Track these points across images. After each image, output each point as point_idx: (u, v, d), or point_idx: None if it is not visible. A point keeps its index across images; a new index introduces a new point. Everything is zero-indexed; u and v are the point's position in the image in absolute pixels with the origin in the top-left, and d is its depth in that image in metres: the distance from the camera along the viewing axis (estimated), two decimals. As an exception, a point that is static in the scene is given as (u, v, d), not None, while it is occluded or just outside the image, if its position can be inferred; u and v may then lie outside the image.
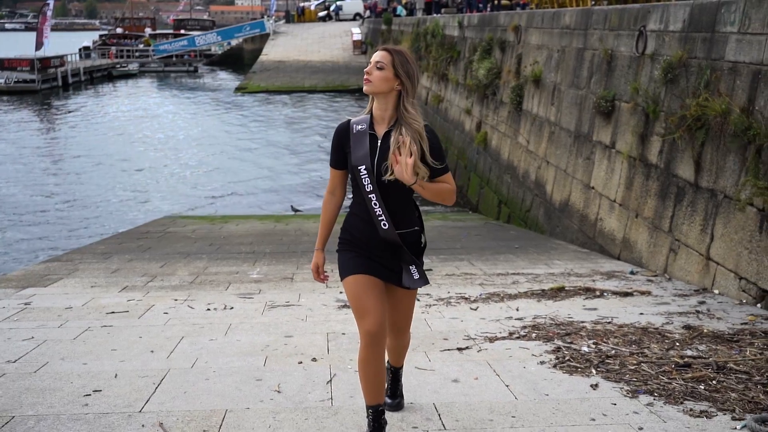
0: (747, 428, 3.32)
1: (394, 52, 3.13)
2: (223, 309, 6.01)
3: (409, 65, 3.11)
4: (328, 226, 3.33)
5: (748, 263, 6.08)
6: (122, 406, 3.71)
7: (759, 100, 6.15)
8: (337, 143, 3.22)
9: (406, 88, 3.11)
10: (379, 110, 3.15)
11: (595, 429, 3.35)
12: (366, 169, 3.09)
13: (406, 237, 3.17)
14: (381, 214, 3.10)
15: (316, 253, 3.35)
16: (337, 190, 3.30)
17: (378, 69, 3.09)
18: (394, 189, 3.09)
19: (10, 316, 5.81)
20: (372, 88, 3.10)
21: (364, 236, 3.17)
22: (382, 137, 3.13)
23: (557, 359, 4.41)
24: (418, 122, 3.09)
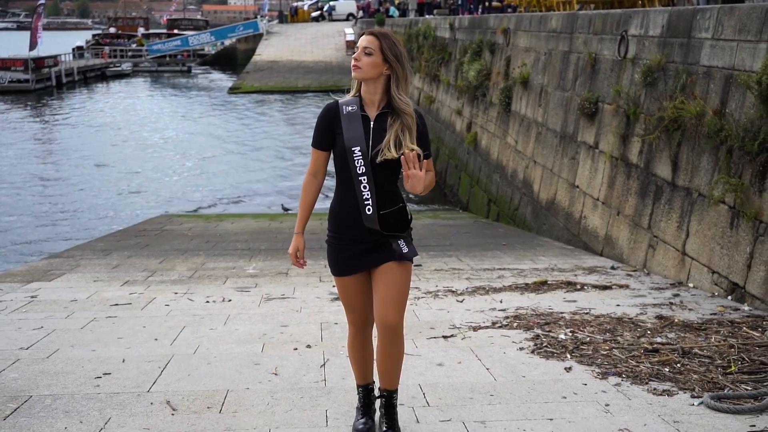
0: (704, 404, 3.64)
1: (381, 36, 3.12)
2: (222, 301, 6.31)
3: (396, 48, 3.11)
4: (308, 208, 3.30)
5: (720, 258, 6.42)
6: (131, 386, 4.01)
7: (730, 103, 6.48)
8: (324, 124, 3.19)
9: (395, 72, 3.11)
10: (369, 94, 3.15)
11: (566, 405, 3.67)
12: (360, 151, 3.08)
13: (392, 214, 3.17)
14: (368, 198, 3.09)
15: (295, 237, 3.31)
16: (319, 173, 3.27)
17: (366, 54, 3.09)
18: (383, 171, 3.11)
19: (19, 308, 6.10)
20: (362, 74, 3.11)
21: (352, 223, 3.15)
22: (375, 119, 3.14)
23: (535, 345, 4.73)
24: (409, 108, 3.11)
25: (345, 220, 3.18)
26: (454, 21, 19.58)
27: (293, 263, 3.31)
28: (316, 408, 3.66)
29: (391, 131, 3.08)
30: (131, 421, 3.50)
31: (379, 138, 3.09)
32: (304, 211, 3.30)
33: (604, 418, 3.49)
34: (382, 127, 3.11)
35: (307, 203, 3.29)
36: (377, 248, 3.17)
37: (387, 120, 3.11)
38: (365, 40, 3.11)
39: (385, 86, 3.13)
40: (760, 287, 5.84)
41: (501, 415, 3.54)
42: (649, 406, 3.64)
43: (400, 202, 3.22)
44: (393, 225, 3.18)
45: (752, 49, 6.25)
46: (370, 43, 3.09)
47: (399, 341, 3.19)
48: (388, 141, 3.06)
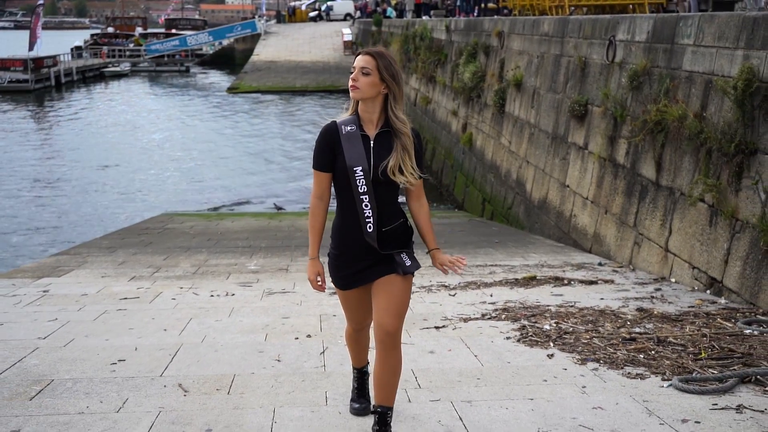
0: (672, 386, 3.97)
1: (378, 55, 3.15)
2: (226, 295, 6.63)
3: (392, 67, 3.15)
4: (320, 232, 3.30)
5: (700, 254, 6.75)
6: (145, 371, 4.33)
7: (710, 106, 6.81)
8: (324, 145, 3.20)
9: (392, 91, 3.15)
10: (367, 113, 3.18)
11: (546, 387, 3.99)
12: (362, 170, 3.11)
13: (394, 231, 3.21)
14: (369, 216, 3.13)
15: (311, 263, 3.30)
16: (324, 195, 3.27)
17: (364, 75, 3.11)
18: (384, 189, 3.15)
19: (33, 301, 6.41)
20: (360, 95, 3.13)
21: (354, 240, 3.19)
22: (374, 138, 3.17)
23: (521, 335, 5.05)
24: (406, 128, 3.16)
25: (347, 237, 3.20)
26: (450, 23, 19.90)
27: (314, 288, 3.31)
28: (317, 390, 3.98)
29: (394, 154, 3.12)
30: (147, 401, 3.81)
31: (379, 157, 3.13)
32: (316, 235, 3.29)
33: (580, 398, 3.81)
34: (382, 146, 3.14)
35: (318, 227, 3.29)
36: (379, 263, 3.21)
37: (386, 139, 3.15)
38: (362, 60, 3.14)
39: (383, 105, 3.17)
40: (736, 281, 6.17)
41: (486, 395, 3.86)
42: (622, 388, 3.96)
43: (401, 217, 3.26)
44: (394, 242, 3.22)
45: (730, 55, 6.58)
46: (368, 63, 3.12)
47: (396, 352, 3.18)
48: (393, 167, 3.10)
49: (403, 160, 3.13)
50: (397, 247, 3.22)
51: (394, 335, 3.15)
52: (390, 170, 3.11)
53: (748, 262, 6.05)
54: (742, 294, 6.05)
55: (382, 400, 3.22)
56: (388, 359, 3.16)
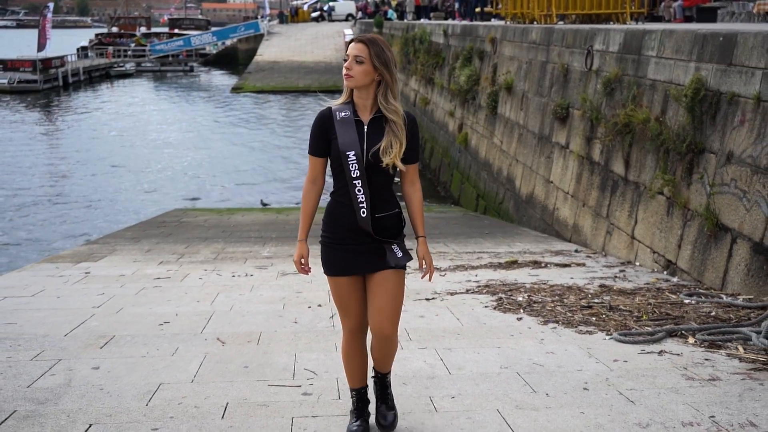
0: (612, 339, 4.95)
1: (370, 42, 3.15)
2: (245, 276, 7.62)
3: (385, 54, 3.15)
4: (310, 216, 3.32)
5: (659, 240, 7.73)
6: (188, 330, 5.32)
7: (668, 111, 7.79)
8: (319, 130, 3.24)
9: (384, 78, 3.15)
10: (361, 99, 3.20)
11: (512, 340, 4.97)
12: (355, 155, 3.14)
13: (388, 218, 3.23)
14: (363, 201, 3.15)
15: (299, 245, 3.32)
16: (318, 179, 3.30)
17: (358, 63, 3.12)
18: (377, 175, 3.19)
19: (78, 280, 7.40)
20: (354, 83, 3.15)
21: (347, 226, 3.21)
22: (368, 123, 3.19)
23: (497, 304, 6.04)
24: (397, 115, 3.18)
25: (340, 221, 3.22)
26: (447, 28, 20.86)
27: (298, 270, 3.35)
28: (328, 341, 4.96)
29: (385, 138, 3.17)
30: (194, 349, 4.80)
31: (373, 142, 3.17)
32: (306, 218, 3.33)
33: (538, 346, 4.79)
34: (376, 131, 3.18)
35: (309, 210, 3.32)
36: (371, 253, 3.22)
37: (380, 124, 3.19)
38: (355, 48, 3.16)
39: (377, 91, 3.20)
40: (686, 262, 7.15)
41: (463, 345, 4.84)
42: (572, 340, 4.94)
43: (395, 207, 3.27)
44: (387, 230, 3.24)
45: (685, 66, 7.56)
46: (361, 51, 3.13)
47: (394, 342, 3.33)
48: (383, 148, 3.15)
49: (392, 144, 3.15)
50: (389, 236, 3.23)
51: (390, 336, 3.27)
52: (381, 152, 3.15)
53: (696, 246, 7.03)
54: (692, 273, 7.03)
55: (380, 368, 3.41)
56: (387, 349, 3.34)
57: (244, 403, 3.79)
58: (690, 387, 3.95)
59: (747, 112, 6.46)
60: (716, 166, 6.85)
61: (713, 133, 6.95)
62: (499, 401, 3.78)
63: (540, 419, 3.53)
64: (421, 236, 3.35)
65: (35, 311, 5.90)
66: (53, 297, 6.54)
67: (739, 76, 6.64)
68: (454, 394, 3.90)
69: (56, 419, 3.57)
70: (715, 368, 4.26)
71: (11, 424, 3.50)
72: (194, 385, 4.09)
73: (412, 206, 3.38)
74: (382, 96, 3.19)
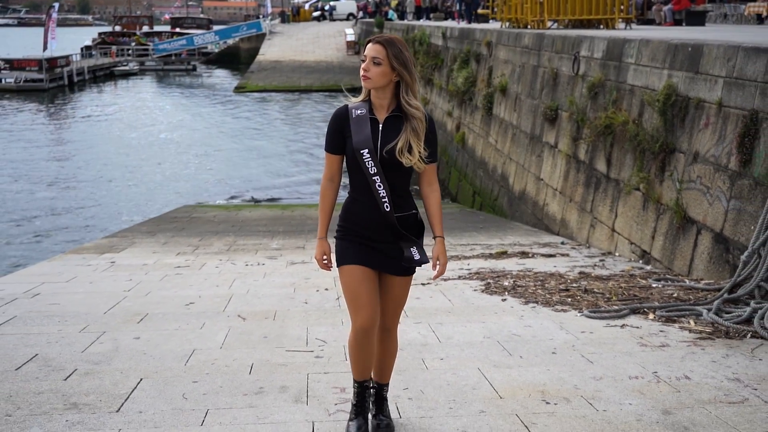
0: (583, 315, 5.67)
1: (388, 43, 3.16)
2: (257, 265, 8.34)
3: (402, 54, 3.16)
4: (329, 213, 3.35)
5: (636, 232, 8.45)
6: (211, 309, 6.04)
7: (644, 114, 8.51)
8: (335, 128, 3.26)
9: (404, 78, 3.17)
10: (378, 99, 3.22)
11: (495, 316, 5.69)
12: (369, 152, 3.15)
13: (406, 219, 3.25)
14: (384, 195, 3.16)
15: (319, 242, 3.35)
16: (335, 176, 3.31)
17: (375, 64, 3.13)
18: (395, 172, 3.20)
19: (106, 269, 8.13)
20: (372, 84, 3.16)
21: (365, 222, 3.22)
22: (384, 122, 3.21)
23: (485, 288, 6.76)
24: (419, 112, 3.20)
25: (356, 217, 3.25)
26: (446, 31, 21.58)
27: (320, 267, 3.40)
28: (335, 317, 5.69)
29: (402, 136, 3.18)
30: (219, 323, 5.52)
31: (387, 140, 3.18)
32: (325, 215, 3.36)
33: (518, 321, 5.52)
34: (391, 130, 3.19)
35: (328, 208, 3.36)
36: (387, 251, 3.26)
37: (396, 122, 3.20)
38: (373, 50, 3.17)
39: (394, 91, 3.21)
40: (659, 252, 7.87)
41: (452, 320, 5.56)
42: (548, 317, 5.67)
43: (413, 208, 3.30)
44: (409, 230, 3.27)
45: (659, 74, 8.27)
46: (378, 53, 3.15)
47: (394, 339, 3.44)
48: (401, 147, 3.16)
49: (411, 141, 3.16)
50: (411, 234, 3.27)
51: (391, 330, 3.40)
52: (398, 151, 3.15)
53: (667, 237, 7.75)
54: (663, 261, 7.75)
55: (379, 378, 3.44)
56: (386, 345, 3.40)
57: (267, 363, 4.51)
58: (642, 351, 4.68)
59: (711, 116, 7.17)
60: (684, 165, 7.58)
61: (682, 135, 7.67)
62: (480, 362, 4.51)
63: (513, 374, 4.26)
64: (439, 236, 3.36)
65: (73, 294, 6.63)
66: (86, 282, 7.27)
67: (704, 83, 7.36)
68: (443, 356, 4.63)
69: (111, 375, 4.29)
70: (667, 337, 4.99)
71: (75, 378, 4.23)
72: (223, 350, 4.82)
73: (431, 206, 3.37)
74: (404, 97, 3.20)
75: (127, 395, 3.95)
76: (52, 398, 3.90)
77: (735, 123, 6.74)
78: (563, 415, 3.63)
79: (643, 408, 3.69)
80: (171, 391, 4.02)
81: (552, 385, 4.05)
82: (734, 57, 6.86)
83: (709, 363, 4.40)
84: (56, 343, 4.97)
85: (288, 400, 3.90)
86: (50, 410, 3.74)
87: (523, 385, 4.06)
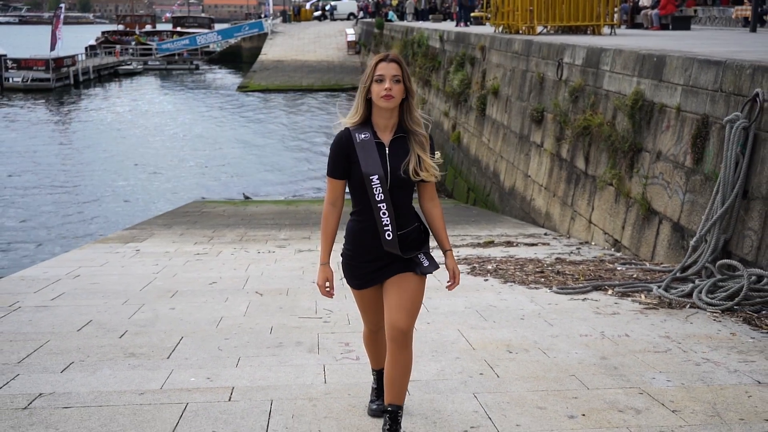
0: (552, 291, 6.61)
1: (401, 62, 3.21)
2: (268, 252, 9.28)
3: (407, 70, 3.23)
4: (331, 238, 3.35)
5: (609, 223, 9.38)
6: (232, 287, 6.98)
7: (617, 117, 9.44)
8: (339, 153, 3.23)
9: (411, 94, 3.22)
10: (384, 119, 3.22)
11: (476, 292, 6.63)
12: (378, 179, 3.14)
13: (410, 234, 3.29)
14: (388, 223, 3.17)
15: (321, 268, 3.36)
16: (338, 201, 3.30)
17: (396, 83, 3.15)
18: (400, 193, 3.23)
19: (132, 256, 9.07)
20: (394, 104, 3.16)
21: (368, 246, 3.27)
22: (389, 145, 3.22)
23: (470, 270, 7.70)
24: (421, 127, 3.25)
25: (363, 242, 3.28)
26: (443, 34, 22.51)
27: (322, 294, 3.42)
28: (340, 294, 6.57)
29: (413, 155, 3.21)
30: (240, 298, 6.46)
31: (396, 163, 3.19)
32: (328, 241, 3.37)
33: (495, 296, 6.45)
34: (398, 152, 3.21)
35: (331, 233, 3.36)
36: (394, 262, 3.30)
37: (402, 143, 3.23)
38: (392, 68, 3.17)
39: (400, 109, 3.24)
40: (628, 240, 8.81)
41: (439, 296, 6.49)
42: (522, 293, 6.60)
43: (416, 221, 3.32)
44: (411, 244, 3.30)
45: (629, 80, 9.20)
46: (397, 71, 3.17)
47: (408, 351, 3.23)
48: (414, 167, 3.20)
49: (422, 158, 3.20)
50: (415, 249, 3.31)
51: (406, 333, 3.20)
52: (412, 172, 3.19)
53: (635, 227, 8.69)
54: (631, 249, 8.69)
55: (393, 398, 3.29)
56: (400, 358, 3.22)
57: (284, 326, 5.45)
58: (596, 318, 5.62)
59: (671, 119, 8.11)
60: (649, 162, 8.51)
61: (648, 136, 8.61)
62: (459, 325, 5.45)
63: (485, 333, 5.20)
64: (448, 250, 3.46)
65: (109, 276, 7.58)
66: (118, 266, 8.22)
67: (666, 90, 8.30)
68: (429, 321, 5.57)
69: (157, 335, 5.23)
70: (619, 307, 5.93)
71: (128, 337, 5.17)
72: (246, 318, 5.76)
73: (435, 222, 3.42)
74: (408, 111, 3.24)
75: (173, 347, 4.90)
76: (113, 350, 4.84)
77: (690, 126, 7.68)
78: (522, 360, 4.57)
79: (585, 355, 4.63)
80: (208, 345, 4.96)
81: (516, 341, 4.99)
82: (690, 67, 7.79)
83: (648, 325, 5.34)
84: (105, 312, 5.91)
85: (303, 351, 4.84)
86: (114, 357, 4.68)
87: (492, 341, 5.00)
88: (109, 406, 3.86)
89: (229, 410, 3.81)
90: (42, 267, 8.28)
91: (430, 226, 3.43)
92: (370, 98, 3.22)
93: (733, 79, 7.01)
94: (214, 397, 3.97)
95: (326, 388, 4.15)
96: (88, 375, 4.34)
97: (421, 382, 4.21)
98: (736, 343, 4.83)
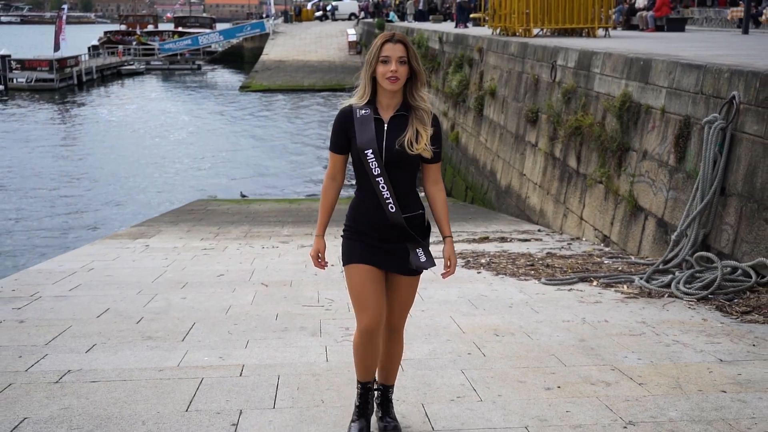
0: (541, 283, 7.01)
1: (407, 42, 3.19)
2: (272, 247, 9.69)
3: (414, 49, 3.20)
4: (329, 211, 3.35)
5: (599, 219, 9.79)
6: (238, 279, 7.39)
7: (607, 117, 9.85)
8: (339, 127, 3.25)
9: (418, 73, 3.20)
10: (389, 99, 3.21)
11: (470, 282, 7.04)
12: (373, 153, 3.15)
13: (412, 220, 3.25)
14: (389, 197, 3.15)
15: (316, 240, 3.37)
16: (338, 176, 3.32)
17: (401, 64, 3.13)
18: (399, 173, 3.20)
19: (142, 251, 9.48)
20: (399, 85, 3.16)
21: (371, 222, 3.23)
22: (389, 121, 3.20)
23: (465, 263, 8.10)
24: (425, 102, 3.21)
25: (362, 218, 3.27)
26: (442, 35, 22.91)
27: (315, 265, 3.45)
28: (341, 284, 7.01)
29: (410, 128, 3.18)
30: (247, 289, 6.87)
31: (393, 139, 3.18)
32: (325, 214, 3.37)
33: (487, 287, 6.86)
34: (396, 129, 3.19)
35: (327, 206, 3.36)
36: (393, 252, 3.26)
37: (401, 121, 3.21)
38: (398, 50, 3.16)
39: (404, 89, 3.22)
40: (616, 236, 9.22)
41: (434, 286, 6.90)
42: (512, 284, 7.01)
43: (419, 208, 3.29)
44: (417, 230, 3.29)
45: (618, 83, 9.61)
46: (402, 52, 3.16)
47: (400, 341, 3.42)
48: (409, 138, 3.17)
49: (418, 133, 3.17)
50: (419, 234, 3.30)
51: (398, 330, 3.40)
52: (407, 143, 3.16)
53: (622, 223, 9.09)
54: (619, 244, 9.10)
55: (384, 379, 3.43)
56: (391, 347, 3.42)
57: (288, 313, 5.87)
58: (579, 306, 6.03)
59: (656, 120, 8.51)
60: (636, 161, 8.92)
61: (635, 136, 9.01)
62: (452, 312, 5.86)
63: (475, 320, 5.61)
64: (448, 236, 3.40)
65: (121, 269, 8.00)
66: (129, 260, 8.63)
67: (652, 92, 8.70)
68: (424, 309, 5.98)
69: (171, 320, 5.64)
70: (602, 297, 6.34)
71: (144, 323, 5.58)
72: (253, 306, 6.17)
73: (437, 206, 3.38)
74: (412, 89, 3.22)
75: (187, 331, 5.31)
76: (132, 334, 5.26)
77: (674, 126, 8.08)
78: (507, 342, 4.99)
79: (566, 338, 5.04)
80: (219, 329, 5.38)
81: (503, 326, 5.40)
82: (674, 71, 8.20)
83: (627, 313, 5.75)
84: (121, 301, 6.33)
85: (306, 334, 5.26)
86: (133, 340, 5.10)
87: (481, 325, 5.41)
88: (132, 380, 4.27)
89: (240, 384, 4.22)
90: (57, 261, 8.70)
91: (433, 210, 3.39)
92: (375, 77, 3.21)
93: (712, 82, 7.42)
94: (226, 373, 4.39)
95: (328, 366, 4.56)
96: (111, 355, 4.76)
97: (414, 361, 4.62)
98: (706, 328, 5.24)
